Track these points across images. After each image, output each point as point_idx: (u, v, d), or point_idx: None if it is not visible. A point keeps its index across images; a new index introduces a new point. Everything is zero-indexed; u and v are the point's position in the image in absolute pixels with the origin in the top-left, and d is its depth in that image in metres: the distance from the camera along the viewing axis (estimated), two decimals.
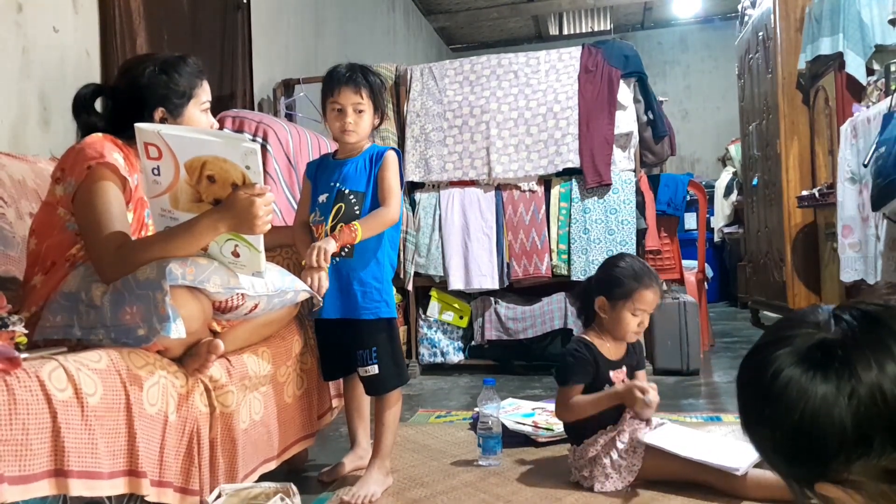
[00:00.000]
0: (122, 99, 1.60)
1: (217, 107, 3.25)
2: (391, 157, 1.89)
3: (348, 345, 1.89)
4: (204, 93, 1.64)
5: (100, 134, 1.51)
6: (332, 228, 1.84)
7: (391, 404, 1.89)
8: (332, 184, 1.89)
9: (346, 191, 1.87)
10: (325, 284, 1.77)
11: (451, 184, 3.55)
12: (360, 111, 1.85)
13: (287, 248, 2.09)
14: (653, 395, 1.74)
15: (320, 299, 1.81)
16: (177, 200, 1.45)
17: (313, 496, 1.82)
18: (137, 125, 1.41)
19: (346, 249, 1.84)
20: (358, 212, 1.86)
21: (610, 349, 1.88)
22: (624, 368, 1.89)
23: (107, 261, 1.42)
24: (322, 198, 1.90)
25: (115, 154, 1.48)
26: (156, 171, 1.42)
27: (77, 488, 1.11)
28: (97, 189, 1.45)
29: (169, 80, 1.57)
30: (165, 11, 2.97)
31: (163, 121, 1.57)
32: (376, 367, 1.84)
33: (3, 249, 1.70)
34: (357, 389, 1.98)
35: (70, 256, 1.49)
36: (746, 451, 1.75)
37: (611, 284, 1.84)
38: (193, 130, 1.48)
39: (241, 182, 1.41)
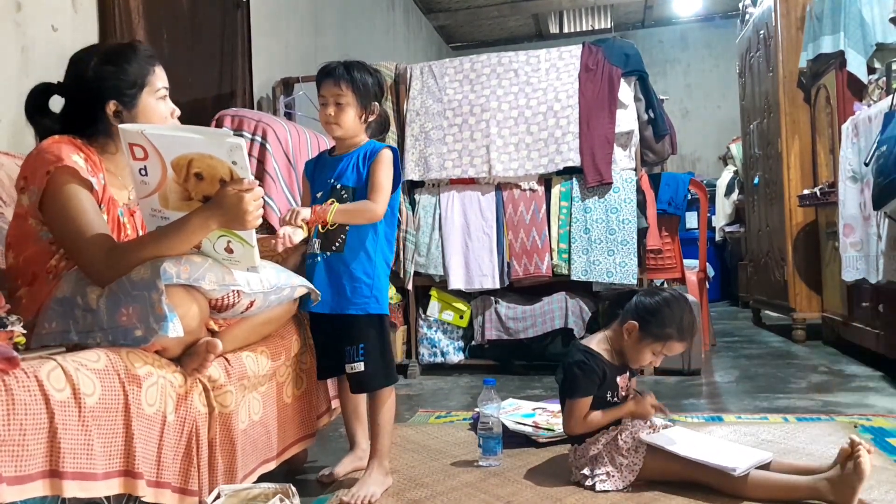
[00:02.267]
0: (72, 96, 1.54)
1: (216, 105, 3.25)
2: (385, 154, 1.88)
3: (338, 341, 1.89)
4: (158, 79, 1.56)
5: (57, 136, 1.46)
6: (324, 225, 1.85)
7: (383, 404, 1.87)
8: (328, 180, 1.90)
9: (339, 186, 1.88)
10: (296, 240, 1.78)
11: (451, 183, 3.54)
12: (341, 104, 1.85)
13: None
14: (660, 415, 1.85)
15: (318, 294, 1.81)
16: (166, 200, 1.43)
17: (313, 497, 1.82)
18: (121, 126, 1.38)
19: (338, 244, 1.84)
20: None
21: (613, 356, 1.88)
22: (627, 373, 1.90)
23: (98, 266, 1.39)
24: (319, 194, 1.90)
25: (73, 156, 1.43)
26: (143, 172, 1.40)
27: (70, 489, 1.10)
28: (64, 194, 1.40)
29: (117, 71, 1.50)
30: (165, 10, 2.96)
31: (116, 114, 1.51)
32: (362, 364, 1.82)
33: (1, 249, 1.70)
34: (346, 392, 1.98)
35: (51, 268, 1.46)
36: (747, 452, 1.75)
37: (651, 319, 1.80)
38: (177, 128, 1.45)
39: (229, 178, 1.40)
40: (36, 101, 1.55)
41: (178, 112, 1.62)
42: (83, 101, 1.51)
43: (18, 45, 2.31)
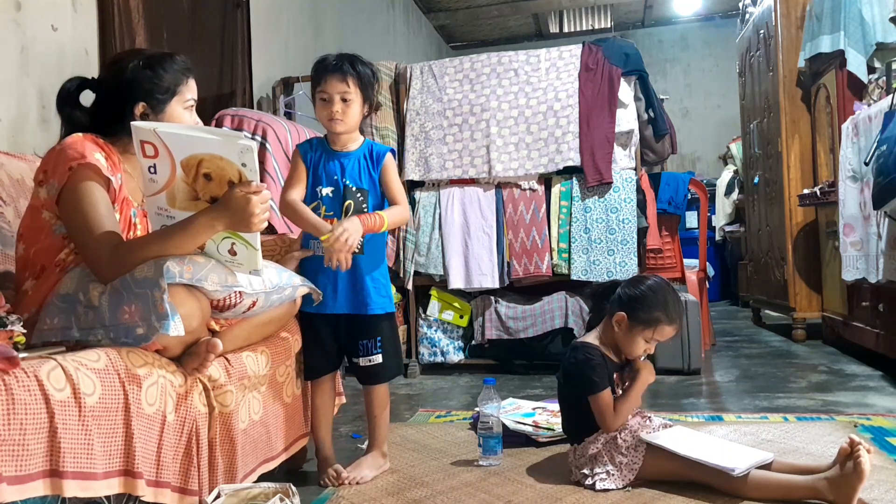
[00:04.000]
0: (105, 92, 1.58)
1: (216, 105, 3.25)
2: (392, 161, 1.93)
3: (345, 339, 1.92)
4: (189, 91, 1.62)
5: (80, 134, 1.50)
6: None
7: (384, 396, 1.97)
8: (335, 177, 1.89)
9: (354, 187, 1.88)
10: (349, 265, 1.78)
11: (451, 182, 3.54)
12: (347, 100, 1.84)
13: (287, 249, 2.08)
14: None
15: (320, 293, 1.81)
16: (173, 199, 1.44)
17: (313, 496, 1.82)
18: (134, 123, 1.41)
19: (359, 246, 1.85)
20: (365, 208, 1.89)
21: (611, 353, 1.89)
22: (617, 372, 1.90)
23: (103, 261, 1.41)
24: (327, 191, 1.89)
25: (96, 154, 1.46)
26: (152, 170, 1.41)
27: (71, 489, 1.11)
28: (82, 190, 1.43)
29: (153, 76, 1.55)
30: (165, 9, 2.96)
31: (144, 116, 1.55)
32: (380, 356, 1.91)
33: (1, 249, 1.70)
34: (328, 394, 1.99)
35: (59, 262, 1.47)
36: (748, 452, 1.75)
37: (638, 306, 1.82)
38: (190, 128, 1.46)
39: (238, 180, 1.41)
40: (68, 94, 1.58)
41: (200, 124, 1.66)
42: (115, 99, 1.55)
43: (18, 45, 2.31)
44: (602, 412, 1.80)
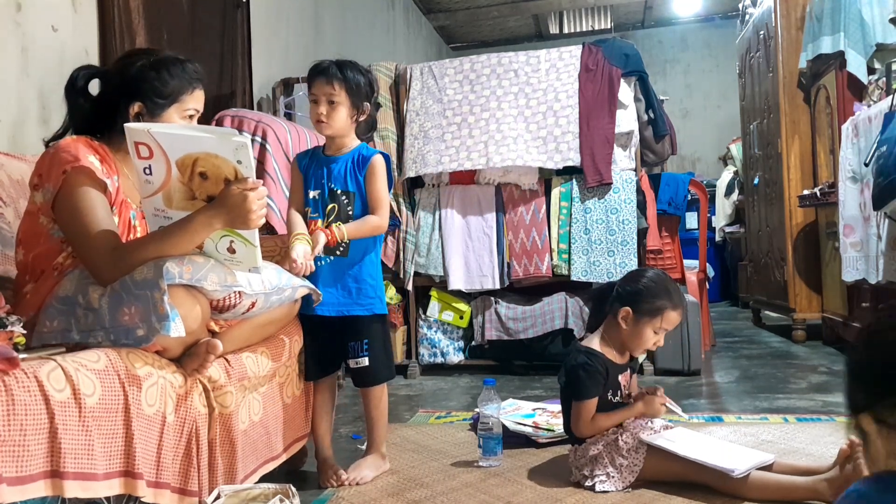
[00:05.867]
0: (108, 85, 1.58)
1: (216, 105, 3.25)
2: (378, 164, 1.91)
3: (338, 341, 1.93)
4: (193, 101, 1.59)
5: (73, 136, 1.49)
6: (327, 227, 1.88)
7: (380, 398, 1.97)
8: (323, 181, 1.92)
9: (339, 191, 1.90)
10: (310, 266, 1.79)
11: (451, 182, 3.54)
12: (333, 102, 1.86)
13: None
14: (671, 405, 1.86)
15: (320, 294, 1.82)
16: (170, 199, 1.44)
17: (312, 497, 1.82)
18: (127, 125, 1.40)
19: (342, 248, 1.88)
20: (351, 211, 1.90)
21: (615, 354, 1.88)
22: (627, 371, 1.91)
23: (102, 264, 1.40)
24: (314, 194, 1.93)
25: (90, 157, 1.45)
26: (147, 171, 1.41)
27: (72, 489, 1.11)
28: (78, 194, 1.42)
29: (157, 78, 1.53)
30: (165, 10, 2.96)
31: (138, 115, 1.53)
32: (367, 359, 1.91)
33: (1, 249, 1.70)
34: (328, 394, 2.00)
35: (57, 265, 1.47)
36: (748, 454, 1.75)
37: (640, 299, 1.83)
38: (184, 127, 1.46)
39: (234, 177, 1.40)
40: (77, 81, 1.58)
41: None
42: (115, 94, 1.54)
43: (18, 45, 2.31)
44: (578, 417, 1.82)
